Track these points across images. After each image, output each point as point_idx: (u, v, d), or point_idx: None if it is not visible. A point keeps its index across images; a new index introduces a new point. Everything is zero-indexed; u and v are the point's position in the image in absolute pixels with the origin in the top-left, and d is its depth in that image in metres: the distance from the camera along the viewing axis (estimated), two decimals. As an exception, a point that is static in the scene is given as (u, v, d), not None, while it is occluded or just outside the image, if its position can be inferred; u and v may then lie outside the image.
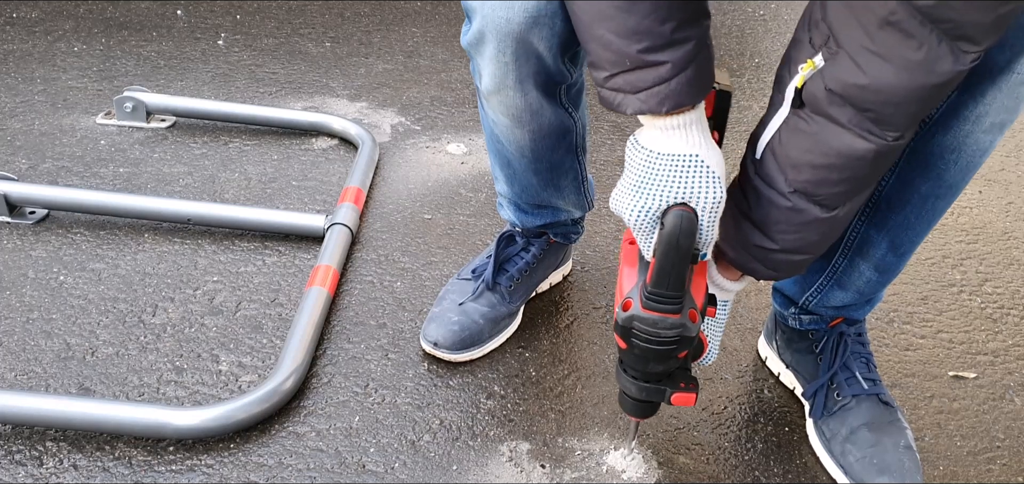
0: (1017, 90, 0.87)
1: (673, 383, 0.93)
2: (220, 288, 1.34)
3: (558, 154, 1.16)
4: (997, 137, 0.94)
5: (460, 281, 1.29)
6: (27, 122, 1.81)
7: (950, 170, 0.97)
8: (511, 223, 1.31)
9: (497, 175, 1.24)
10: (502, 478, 1.05)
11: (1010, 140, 2.10)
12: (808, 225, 0.86)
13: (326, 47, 2.34)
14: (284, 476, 1.03)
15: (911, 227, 1.04)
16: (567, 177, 1.21)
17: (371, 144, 1.75)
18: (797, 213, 0.85)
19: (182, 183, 1.63)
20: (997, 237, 1.68)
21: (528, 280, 1.31)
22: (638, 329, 0.86)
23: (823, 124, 0.80)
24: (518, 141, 1.12)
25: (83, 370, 1.16)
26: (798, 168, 0.83)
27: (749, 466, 1.10)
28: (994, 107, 0.89)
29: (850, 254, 1.10)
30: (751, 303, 1.41)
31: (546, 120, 1.09)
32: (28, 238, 1.43)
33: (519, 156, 1.15)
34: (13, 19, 2.35)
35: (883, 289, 1.14)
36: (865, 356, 1.15)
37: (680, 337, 0.86)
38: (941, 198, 1.00)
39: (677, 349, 0.87)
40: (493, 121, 1.12)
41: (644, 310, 0.85)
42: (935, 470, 1.12)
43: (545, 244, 1.32)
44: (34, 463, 1.02)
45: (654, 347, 0.86)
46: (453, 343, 1.20)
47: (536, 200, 1.24)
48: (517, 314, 1.30)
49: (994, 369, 1.31)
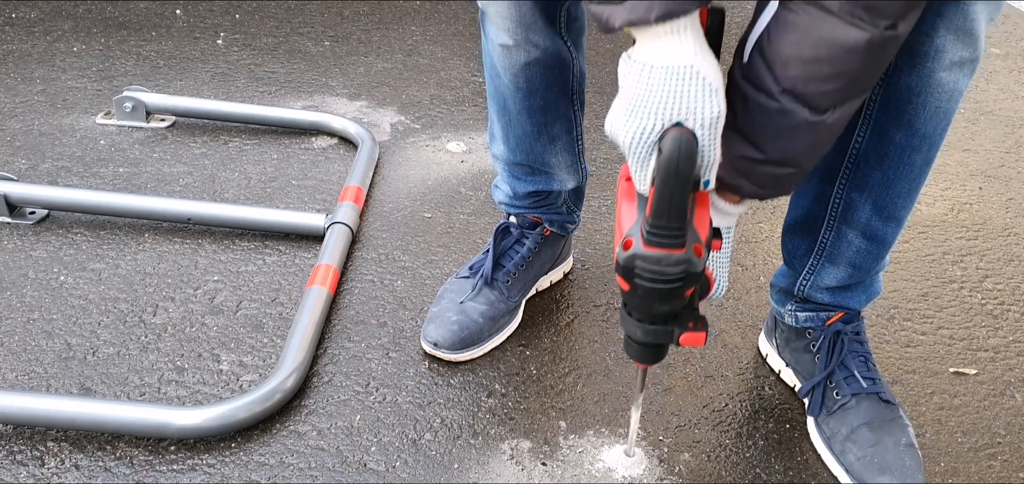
0: (963, 23, 0.89)
1: (680, 323, 0.87)
2: (221, 288, 1.34)
3: (553, 93, 1.15)
4: (961, 78, 0.95)
5: (458, 280, 1.29)
6: (27, 122, 1.81)
7: (920, 115, 0.98)
8: (504, 206, 1.31)
9: (494, 132, 1.24)
10: (503, 476, 1.05)
11: (1010, 136, 2.10)
12: (797, 130, 0.82)
13: (325, 46, 2.34)
14: (285, 475, 1.03)
15: (891, 185, 1.04)
16: (560, 125, 1.19)
17: (371, 143, 1.75)
18: (785, 116, 0.82)
19: (182, 183, 1.63)
20: (997, 233, 1.68)
21: (525, 274, 1.31)
22: (640, 268, 0.80)
23: (814, 14, 0.77)
24: (513, 67, 1.11)
25: (84, 370, 1.16)
26: (787, 64, 0.79)
27: (750, 463, 1.10)
28: (948, 42, 0.91)
29: (836, 223, 1.10)
30: (751, 301, 1.41)
31: (542, 43, 1.08)
32: (28, 238, 1.43)
33: (514, 89, 1.14)
34: (12, 19, 2.34)
35: (876, 269, 1.14)
36: (863, 354, 1.15)
37: (686, 274, 0.80)
38: (916, 150, 1.01)
39: (683, 287, 0.82)
40: (491, 48, 1.12)
41: (646, 247, 0.79)
42: (936, 467, 1.12)
43: (540, 236, 1.31)
44: (36, 463, 1.02)
45: (659, 286, 0.81)
46: (453, 343, 1.20)
47: (529, 158, 1.22)
48: (517, 312, 1.30)
49: (995, 365, 1.32)
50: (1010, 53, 2.66)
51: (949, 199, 1.79)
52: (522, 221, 1.31)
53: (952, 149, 2.01)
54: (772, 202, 1.72)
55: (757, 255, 1.55)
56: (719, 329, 1.34)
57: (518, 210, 1.31)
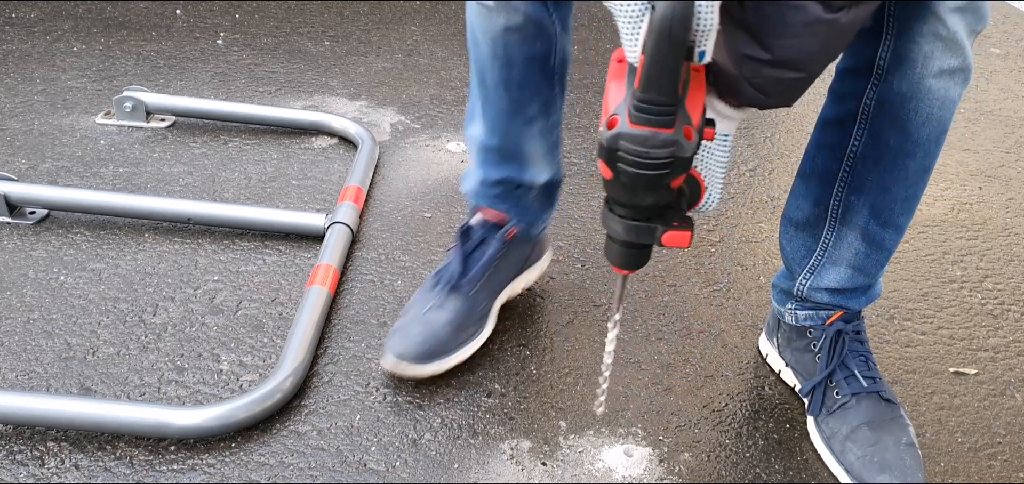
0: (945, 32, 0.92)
1: (665, 221, 0.82)
2: (221, 287, 1.34)
3: (533, 70, 1.10)
4: (951, 87, 0.97)
5: (424, 292, 1.24)
6: (26, 122, 1.81)
7: (912, 121, 0.99)
8: (471, 196, 1.26)
9: (473, 110, 1.20)
10: (503, 476, 1.05)
11: (1010, 136, 2.10)
12: (808, 27, 0.77)
13: (325, 46, 2.34)
14: (285, 475, 1.03)
15: (888, 190, 1.05)
16: (537, 104, 1.14)
17: (371, 143, 1.75)
18: (797, 11, 0.76)
19: (182, 183, 1.63)
20: (997, 233, 1.68)
21: (493, 279, 1.25)
22: (625, 149, 0.75)
23: None
24: (492, 30, 1.07)
25: (84, 370, 1.16)
26: None
27: (750, 463, 1.10)
28: (936, 50, 0.94)
29: (836, 225, 1.11)
30: (751, 301, 1.41)
31: (524, 8, 1.04)
32: (28, 238, 1.43)
33: (492, 58, 1.10)
34: (12, 19, 2.35)
35: (876, 274, 1.14)
36: (864, 354, 1.15)
37: (673, 157, 0.75)
38: (910, 156, 1.02)
39: (670, 175, 0.76)
40: (472, 10, 1.08)
41: (632, 125, 0.74)
42: (936, 466, 1.12)
43: (504, 238, 1.25)
44: (36, 463, 1.02)
45: (644, 171, 0.75)
46: (416, 354, 1.15)
47: (503, 140, 1.17)
48: (487, 320, 1.24)
49: (995, 365, 1.32)
50: (1010, 53, 2.66)
51: (949, 199, 1.79)
52: (486, 218, 1.25)
53: (952, 149, 2.01)
54: (774, 203, 1.72)
55: (757, 255, 1.55)
56: (719, 329, 1.34)
57: (485, 200, 1.24)
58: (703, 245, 1.56)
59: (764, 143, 1.95)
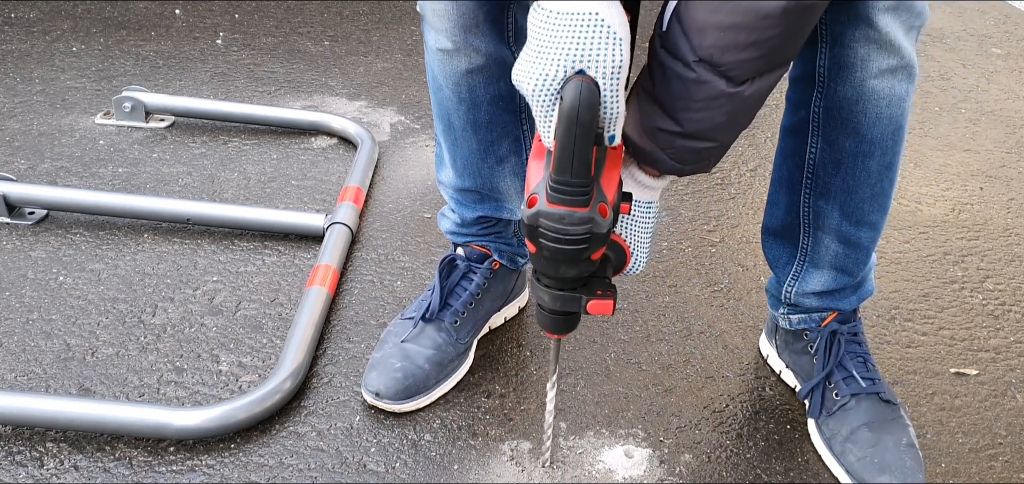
0: (877, 35, 0.92)
1: (589, 291, 0.87)
2: (220, 288, 1.34)
3: (499, 108, 1.08)
4: (896, 85, 0.97)
5: (403, 321, 1.21)
6: (26, 122, 1.81)
7: (863, 122, 1.00)
8: (452, 236, 1.24)
9: (442, 156, 1.18)
10: (503, 477, 1.05)
11: (1011, 137, 2.09)
12: (714, 101, 0.80)
13: (325, 46, 2.34)
14: (285, 476, 1.03)
15: (853, 191, 1.06)
16: (507, 143, 1.12)
17: (370, 143, 1.75)
18: (702, 86, 0.80)
19: (181, 183, 1.63)
20: (998, 233, 1.68)
21: (475, 313, 1.22)
22: (544, 226, 0.79)
23: None
24: (454, 74, 1.05)
25: (83, 371, 1.16)
26: (703, 31, 0.78)
27: (750, 464, 1.10)
28: (871, 52, 0.94)
29: (811, 230, 1.12)
30: (751, 301, 1.41)
31: (485, 49, 1.02)
32: (27, 239, 1.43)
33: (457, 101, 1.08)
34: (11, 19, 2.34)
35: (861, 272, 1.13)
36: (862, 355, 1.15)
37: (590, 234, 0.79)
38: (869, 156, 1.02)
39: (588, 249, 0.81)
40: (430, 56, 1.07)
41: (549, 204, 0.78)
42: (937, 467, 1.12)
43: (489, 271, 1.23)
44: (35, 464, 1.02)
45: (563, 246, 0.80)
46: (396, 392, 1.11)
47: (477, 182, 1.16)
48: (467, 355, 1.21)
49: (996, 366, 1.31)
50: (1011, 53, 2.65)
51: (950, 199, 1.79)
52: (469, 253, 1.23)
53: (953, 149, 2.01)
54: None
55: (757, 255, 1.54)
56: (720, 330, 1.34)
57: (466, 238, 1.23)
58: (704, 246, 1.56)
59: (764, 143, 1.95)
